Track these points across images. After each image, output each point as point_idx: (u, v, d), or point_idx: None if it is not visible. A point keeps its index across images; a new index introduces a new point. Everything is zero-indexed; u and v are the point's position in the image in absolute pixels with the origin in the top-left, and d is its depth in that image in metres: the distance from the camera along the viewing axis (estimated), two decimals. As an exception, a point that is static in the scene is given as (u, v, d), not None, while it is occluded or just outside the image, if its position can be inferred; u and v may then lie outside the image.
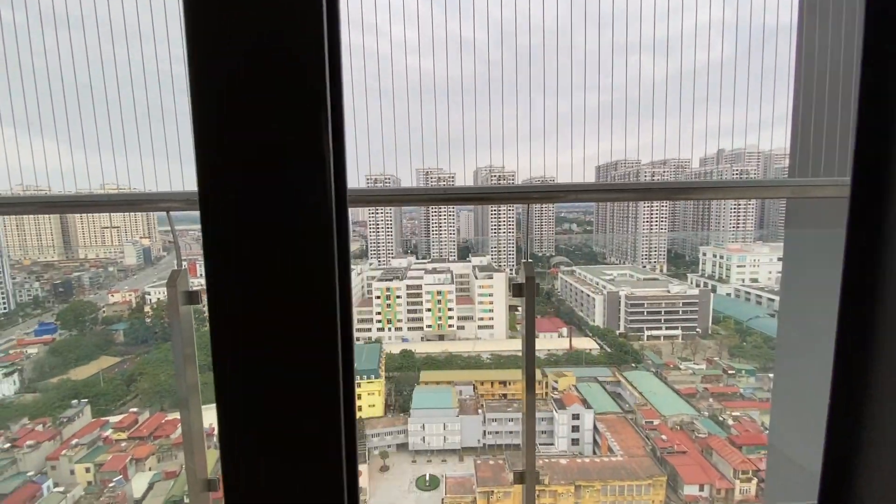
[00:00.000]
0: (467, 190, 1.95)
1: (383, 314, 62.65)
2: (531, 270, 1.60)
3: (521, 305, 1.94)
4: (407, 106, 4.45)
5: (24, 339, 57.09)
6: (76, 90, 4.61)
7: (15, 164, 4.47)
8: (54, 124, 4.56)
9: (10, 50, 4.55)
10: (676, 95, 4.53)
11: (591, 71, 4.78)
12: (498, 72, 4.58)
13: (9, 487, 29.68)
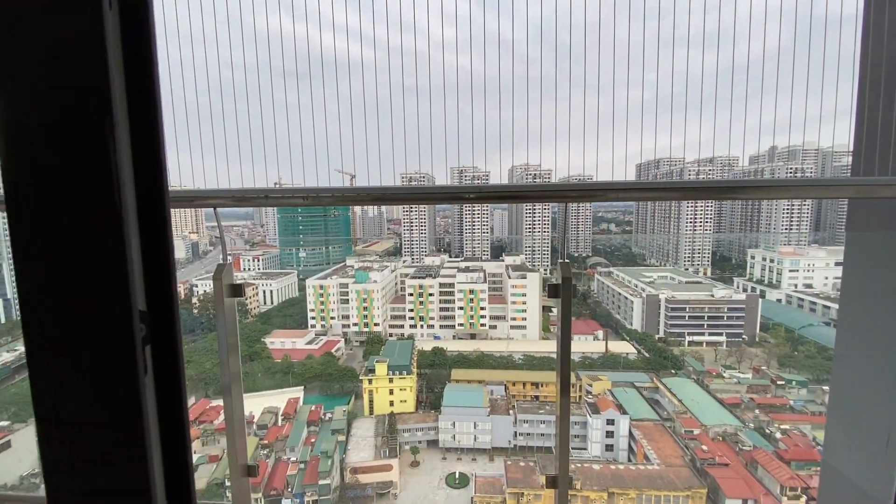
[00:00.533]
0: (501, 189, 1.92)
1: (416, 311, 63.28)
2: (568, 271, 1.56)
3: (556, 306, 1.90)
4: (443, 103, 4.46)
5: (86, 325, 60.95)
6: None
7: None
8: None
9: None
10: (726, 89, 4.30)
11: (634, 67, 4.60)
12: (536, 69, 4.49)
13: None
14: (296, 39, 4.28)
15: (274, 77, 4.35)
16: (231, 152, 4.47)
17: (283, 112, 4.11)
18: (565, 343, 1.59)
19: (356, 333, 63.20)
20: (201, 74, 4.59)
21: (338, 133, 4.21)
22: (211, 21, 4.56)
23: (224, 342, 1.90)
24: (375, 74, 4.43)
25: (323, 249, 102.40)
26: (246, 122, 4.31)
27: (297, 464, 32.27)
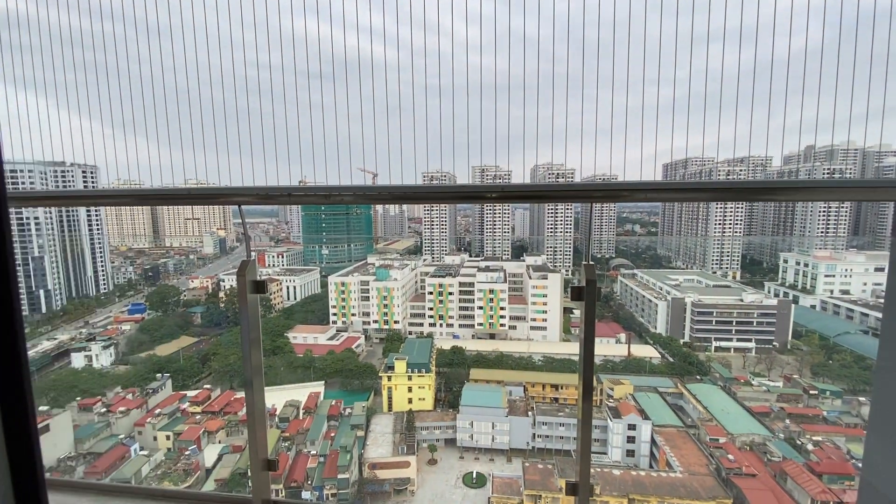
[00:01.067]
0: (524, 188, 1.87)
1: (435, 310, 63.45)
2: (592, 273, 1.50)
3: (579, 309, 1.85)
4: (466, 102, 4.42)
5: (119, 316, 63.94)
6: (164, 93, 5.08)
7: (114, 160, 5.03)
8: (149, 125, 5.07)
9: (110, 58, 5.13)
10: (761, 87, 4.11)
11: (664, 63, 4.45)
12: (561, 67, 4.41)
13: (104, 447, 33.59)
14: (320, 41, 4.35)
15: (299, 78, 4.43)
16: (256, 151, 4.58)
17: (307, 112, 4.18)
18: (588, 347, 1.54)
19: (376, 330, 63.87)
20: (228, 76, 4.72)
21: (361, 133, 4.24)
22: (238, 24, 4.68)
23: (247, 337, 1.93)
24: (398, 74, 4.45)
25: (345, 247, 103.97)
26: (272, 122, 4.40)
27: (316, 457, 32.82)
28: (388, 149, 4.21)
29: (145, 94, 4.90)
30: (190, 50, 4.95)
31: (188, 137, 4.83)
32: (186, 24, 4.87)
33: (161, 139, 5.26)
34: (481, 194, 1.94)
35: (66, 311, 63.82)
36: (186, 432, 34.99)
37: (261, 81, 4.64)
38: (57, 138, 5.45)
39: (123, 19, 4.53)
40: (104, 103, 5.05)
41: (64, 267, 67.13)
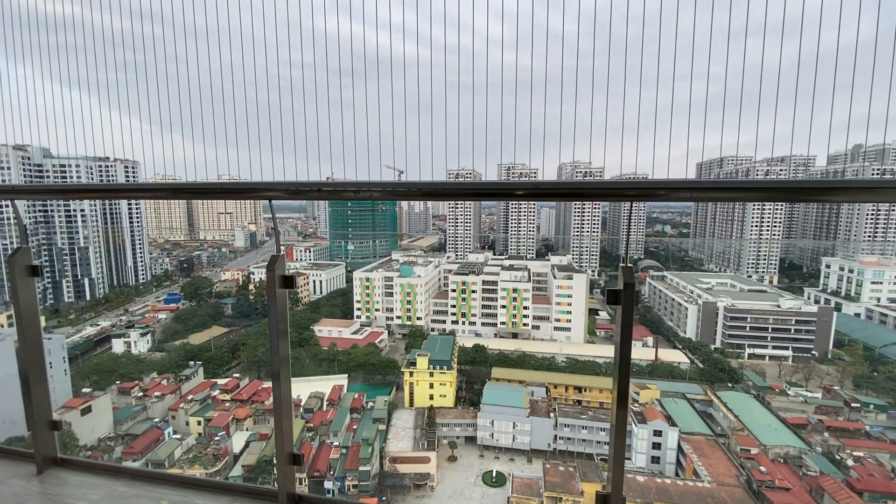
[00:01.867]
0: (557, 185, 1.81)
1: (458, 307, 63.46)
2: (631, 276, 1.44)
3: (615, 312, 1.78)
4: (486, 99, 4.36)
5: (156, 305, 66.71)
6: (199, 92, 5.23)
7: (152, 156, 5.23)
8: (185, 123, 5.24)
9: (150, 58, 5.32)
10: (804, 82, 3.87)
11: (698, 59, 4.25)
12: (589, 63, 4.28)
13: (140, 429, 35.20)
14: (352, 39, 4.37)
15: (329, 76, 4.47)
16: (286, 149, 4.67)
17: (336, 110, 4.23)
18: (625, 352, 1.47)
19: (399, 326, 64.49)
20: (261, 75, 4.84)
21: (388, 130, 4.27)
22: (271, 24, 4.77)
23: (275, 330, 1.96)
24: (421, 71, 4.43)
25: (370, 243, 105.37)
26: (302, 119, 4.48)
27: (339, 448, 33.44)
28: (417, 146, 4.20)
29: (182, 93, 5.08)
30: (225, 50, 5.08)
31: (221, 134, 4.98)
32: (222, 26, 5.01)
33: (196, 136, 5.44)
34: (510, 191, 1.89)
35: (108, 298, 67.22)
36: (216, 419, 36.26)
37: (292, 80, 4.74)
38: (101, 134, 5.71)
39: (162, 21, 4.70)
40: (144, 101, 5.26)
41: (106, 257, 70.66)
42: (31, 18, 6.03)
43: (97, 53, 6.01)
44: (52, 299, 63.13)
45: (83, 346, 50.82)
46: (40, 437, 2.48)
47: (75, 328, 56.10)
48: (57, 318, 58.97)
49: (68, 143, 5.90)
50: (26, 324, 2.52)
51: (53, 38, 6.20)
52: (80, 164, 68.39)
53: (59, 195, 2.65)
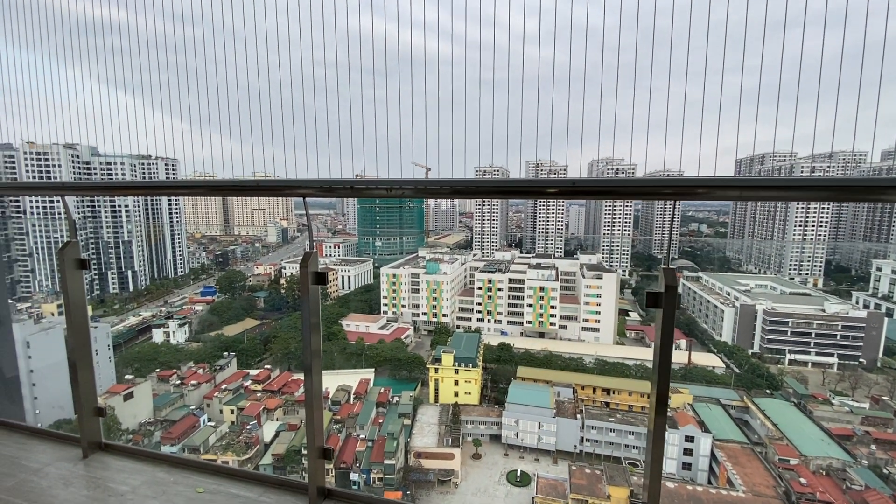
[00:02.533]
0: (595, 183, 1.73)
1: (483, 305, 63.23)
2: (673, 278, 1.36)
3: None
4: (506, 95, 4.28)
5: (193, 297, 69.51)
6: (236, 92, 5.39)
7: (191, 154, 5.42)
8: (223, 122, 5.41)
9: (190, 59, 5.51)
10: (850, 74, 3.60)
11: (735, 51, 4.03)
12: (623, 57, 4.13)
13: (177, 416, 36.85)
14: (382, 38, 4.39)
15: (357, 74, 4.53)
16: (320, 147, 4.74)
17: (366, 108, 4.28)
18: (665, 357, 1.40)
19: (425, 322, 64.87)
20: (296, 74, 4.95)
21: (416, 128, 4.28)
22: (305, 24, 4.85)
23: (307, 325, 1.99)
24: (451, 69, 4.41)
25: (397, 240, 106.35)
26: (335, 118, 4.55)
27: (365, 441, 34.02)
28: (445, 143, 4.19)
29: (219, 94, 5.24)
30: (260, 51, 5.20)
31: (254, 133, 5.12)
32: (259, 28, 5.14)
33: (233, 135, 5.61)
34: (541, 189, 1.85)
35: (149, 290, 70.59)
36: (248, 408, 37.54)
37: (320, 79, 4.82)
38: (144, 134, 5.98)
39: (203, 24, 4.88)
40: (183, 102, 5.45)
41: (148, 251, 74.20)
42: (80, 24, 6.36)
43: (140, 56, 6.30)
44: (99, 290, 66.82)
45: (126, 335, 53.59)
46: (86, 422, 2.61)
47: (119, 318, 59.20)
48: (102, 307, 62.39)
49: (115, 142, 6.21)
50: (74, 314, 2.63)
51: (101, 41, 6.52)
52: (124, 161, 71.99)
53: (106, 192, 2.78)
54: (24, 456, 2.66)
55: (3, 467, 2.54)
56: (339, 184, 1.79)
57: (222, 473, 2.38)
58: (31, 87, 6.52)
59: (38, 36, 6.29)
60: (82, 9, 6.13)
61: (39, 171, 64.83)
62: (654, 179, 1.49)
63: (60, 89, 6.57)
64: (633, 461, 35.63)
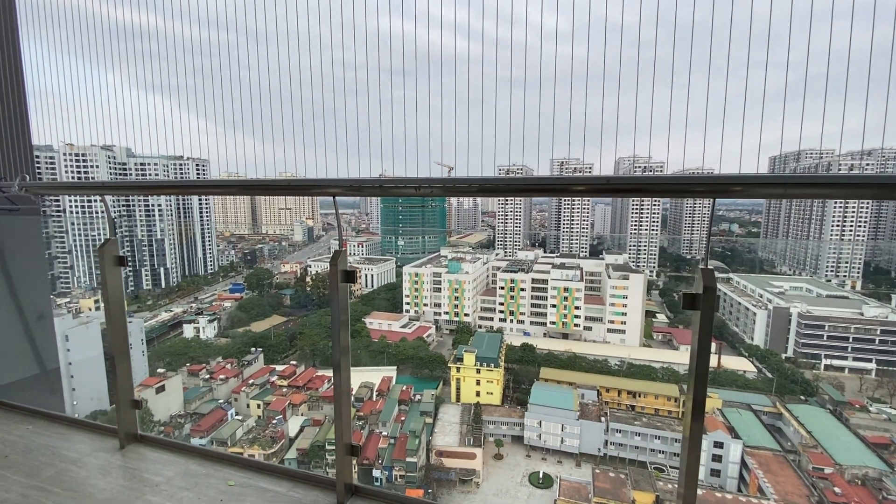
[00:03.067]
0: (629, 181, 1.67)
1: (506, 305, 62.84)
2: (712, 279, 1.30)
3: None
4: (539, 93, 4.21)
5: (222, 294, 71.52)
6: (261, 95, 5.51)
7: (224, 155, 5.61)
8: (247, 123, 5.56)
9: (216, 63, 5.68)
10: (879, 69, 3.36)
11: (773, 45, 3.86)
12: (647, 54, 4.02)
13: (206, 409, 38.04)
14: (416, 38, 4.44)
15: (381, 75, 4.57)
16: (347, 147, 4.81)
17: (388, 108, 4.33)
18: (702, 362, 1.34)
19: (447, 322, 64.92)
20: (317, 76, 5.05)
21: (438, 127, 4.28)
22: (327, 26, 4.92)
23: (337, 321, 2.01)
24: (469, 66, 4.40)
25: (419, 239, 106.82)
26: (355, 118, 4.61)
27: (387, 438, 34.34)
28: (467, 141, 4.20)
29: (249, 96, 5.38)
30: (286, 53, 5.30)
31: (274, 133, 5.23)
32: (291, 31, 5.23)
33: (262, 136, 5.76)
34: (570, 186, 1.80)
35: (180, 287, 73.09)
36: (274, 403, 38.41)
37: (347, 80, 4.90)
38: (175, 135, 6.20)
39: (236, 28, 5.03)
40: (212, 104, 5.62)
41: (179, 248, 76.85)
42: (119, 30, 6.64)
43: (174, 60, 6.54)
44: (133, 286, 69.62)
45: (159, 330, 55.65)
46: (123, 414, 2.71)
47: (152, 313, 61.53)
48: (137, 303, 64.98)
49: (149, 144, 6.47)
50: (113, 309, 2.73)
51: (138, 47, 6.79)
52: (157, 162, 74.74)
53: (143, 191, 2.89)
54: (63, 446, 2.76)
55: (44, 457, 2.65)
56: (368, 183, 1.80)
57: (252, 468, 2.44)
58: (72, 92, 6.89)
59: (79, 43, 6.65)
60: (121, 16, 6.43)
61: (78, 171, 67.98)
62: (691, 177, 1.42)
63: (98, 93, 6.91)
64: (660, 466, 34.79)
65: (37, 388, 3.88)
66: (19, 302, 3.77)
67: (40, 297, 4.00)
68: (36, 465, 2.56)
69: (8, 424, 3.09)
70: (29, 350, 3.79)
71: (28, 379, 3.78)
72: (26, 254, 3.81)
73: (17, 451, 2.72)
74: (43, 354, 3.94)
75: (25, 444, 2.80)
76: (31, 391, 3.82)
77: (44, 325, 4.00)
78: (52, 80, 6.95)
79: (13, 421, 3.14)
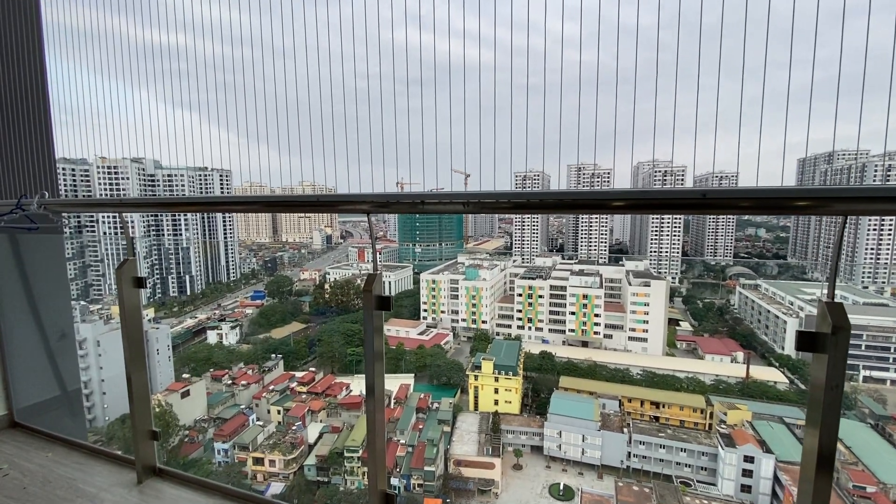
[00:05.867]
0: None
1: (524, 312, 62.06)
2: (842, 316, 1.07)
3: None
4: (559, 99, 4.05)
5: (244, 301, 72.70)
6: (285, 106, 5.51)
7: (246, 165, 5.63)
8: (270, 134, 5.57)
9: (242, 78, 5.71)
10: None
11: (799, 43, 3.63)
12: (663, 56, 3.86)
13: (229, 414, 38.51)
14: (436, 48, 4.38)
15: (398, 85, 4.51)
16: (364, 156, 4.74)
17: (411, 116, 4.26)
18: (830, 420, 1.09)
19: (464, 329, 64.43)
20: (337, 87, 5.05)
21: (456, 134, 4.18)
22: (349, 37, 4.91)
23: (371, 354, 1.81)
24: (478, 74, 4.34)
25: (436, 245, 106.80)
26: (375, 128, 4.55)
27: (405, 446, 34.08)
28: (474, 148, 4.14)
29: (268, 108, 5.42)
30: (303, 66, 5.32)
31: (295, 143, 5.21)
32: (311, 45, 5.29)
33: (282, 146, 5.77)
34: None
35: (204, 294, 74.68)
36: (294, 409, 38.63)
37: (364, 91, 4.87)
38: (203, 147, 6.28)
39: (251, 44, 5.13)
40: (234, 117, 5.68)
41: (204, 257, 78.69)
42: (147, 50, 6.86)
43: (196, 76, 6.72)
44: (161, 293, 71.45)
45: (184, 336, 56.81)
46: (141, 446, 2.59)
47: (178, 319, 62.91)
48: (164, 309, 66.59)
49: (176, 156, 6.62)
50: (131, 334, 2.58)
51: (166, 65, 6.99)
52: (183, 173, 76.90)
53: (161, 209, 2.78)
54: (81, 478, 2.66)
55: (62, 490, 2.55)
56: (406, 198, 1.61)
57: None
58: (104, 108, 7.25)
59: (111, 62, 6.92)
60: (149, 36, 6.65)
61: (110, 183, 70.49)
62: (820, 189, 1.16)
63: (127, 108, 7.20)
64: (686, 480, 33.57)
65: (58, 409, 3.81)
66: (41, 321, 3.72)
67: (63, 317, 3.94)
68: (54, 499, 2.46)
69: (28, 451, 3.02)
70: (50, 371, 3.74)
71: (49, 400, 3.72)
72: (48, 272, 3.77)
73: (36, 482, 2.63)
74: (64, 375, 3.89)
75: (44, 475, 2.71)
76: (53, 413, 3.75)
77: (66, 344, 3.93)
78: (87, 98, 7.27)
79: (33, 447, 3.07)
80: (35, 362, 3.74)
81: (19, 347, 3.64)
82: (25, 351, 3.68)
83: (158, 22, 6.70)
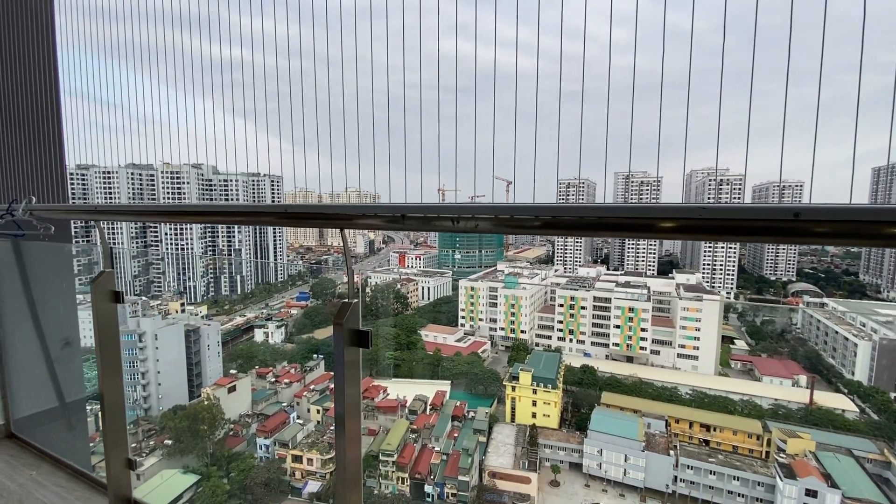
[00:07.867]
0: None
1: (565, 324, 60.48)
2: None
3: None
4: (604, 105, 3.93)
5: (290, 301, 75.53)
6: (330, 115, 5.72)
7: (303, 172, 5.90)
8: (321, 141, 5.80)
9: (294, 88, 5.99)
10: None
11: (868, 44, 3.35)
12: (714, 61, 3.69)
13: (271, 411, 39.97)
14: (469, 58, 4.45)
15: (443, 94, 4.58)
16: (410, 163, 4.82)
17: (451, 124, 4.33)
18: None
19: (502, 338, 63.65)
20: (381, 95, 5.23)
21: (499, 142, 4.16)
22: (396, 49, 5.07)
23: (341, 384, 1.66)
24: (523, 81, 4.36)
25: (476, 252, 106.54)
26: (418, 135, 4.62)
27: (440, 454, 33.96)
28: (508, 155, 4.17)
29: (319, 116, 5.66)
30: (362, 77, 5.54)
31: (339, 149, 5.40)
32: (360, 56, 5.55)
33: (324, 152, 6.00)
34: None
35: (253, 293, 78.43)
36: (332, 409, 39.44)
37: (409, 100, 4.98)
38: (254, 154, 6.67)
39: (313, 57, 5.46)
40: (292, 125, 5.99)
41: (254, 258, 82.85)
42: (209, 63, 7.42)
43: (252, 87, 7.18)
44: (214, 292, 75.75)
45: (233, 333, 59.77)
46: (114, 475, 2.36)
47: (228, 317, 66.32)
48: (216, 307, 70.47)
49: (232, 163, 7.12)
50: (105, 353, 2.37)
51: (226, 77, 7.54)
52: (237, 178, 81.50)
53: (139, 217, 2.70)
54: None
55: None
56: (385, 210, 1.43)
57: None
58: (169, 117, 7.97)
59: (177, 74, 7.58)
60: (209, 50, 7.18)
61: (173, 187, 75.89)
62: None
63: (189, 118, 7.82)
64: (740, 511, 31.31)
65: (57, 421, 3.76)
66: (42, 330, 3.64)
67: (68, 325, 3.83)
68: None
69: (16, 467, 2.93)
70: (50, 381, 3.69)
71: (47, 411, 3.66)
72: (52, 281, 3.75)
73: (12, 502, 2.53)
74: (66, 386, 3.76)
75: (20, 498, 2.58)
76: (51, 424, 3.70)
77: (70, 352, 3.81)
78: (155, 108, 7.99)
79: (21, 462, 2.98)
80: (36, 372, 3.63)
81: (19, 357, 3.51)
82: (26, 360, 3.56)
83: (220, 38, 7.21)
